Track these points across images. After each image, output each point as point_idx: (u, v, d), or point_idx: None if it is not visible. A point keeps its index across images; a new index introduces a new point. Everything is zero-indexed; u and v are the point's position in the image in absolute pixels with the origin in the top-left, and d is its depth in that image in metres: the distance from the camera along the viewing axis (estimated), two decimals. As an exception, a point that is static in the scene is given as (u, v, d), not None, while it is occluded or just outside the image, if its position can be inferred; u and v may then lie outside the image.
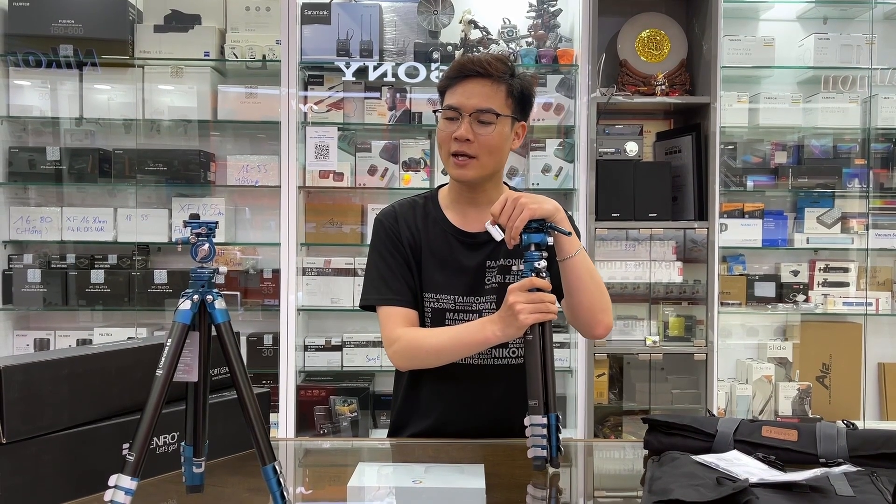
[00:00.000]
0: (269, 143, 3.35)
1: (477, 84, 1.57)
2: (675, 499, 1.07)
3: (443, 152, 1.63)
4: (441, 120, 1.61)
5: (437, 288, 1.64)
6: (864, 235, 3.38)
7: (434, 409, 1.68)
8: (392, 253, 1.66)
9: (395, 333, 1.60)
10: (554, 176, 3.29)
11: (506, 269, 1.65)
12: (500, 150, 1.61)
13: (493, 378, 1.65)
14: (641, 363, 3.28)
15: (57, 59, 3.21)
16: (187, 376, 1.11)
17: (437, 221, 1.69)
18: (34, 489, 1.15)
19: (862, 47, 3.30)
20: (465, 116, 1.56)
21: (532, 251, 1.38)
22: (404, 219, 1.69)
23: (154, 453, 1.30)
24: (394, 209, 1.71)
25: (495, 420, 1.65)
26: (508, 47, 3.31)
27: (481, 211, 1.64)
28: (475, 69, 1.57)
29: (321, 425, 3.21)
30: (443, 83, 1.63)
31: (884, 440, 1.29)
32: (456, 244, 1.66)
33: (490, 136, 1.57)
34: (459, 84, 1.58)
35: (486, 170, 1.61)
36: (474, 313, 1.64)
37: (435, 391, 1.67)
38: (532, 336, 1.35)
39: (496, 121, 1.57)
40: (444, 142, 1.60)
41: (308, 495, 1.36)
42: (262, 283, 3.31)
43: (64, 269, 3.27)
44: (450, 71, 1.61)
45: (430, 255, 1.66)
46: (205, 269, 1.09)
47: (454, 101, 1.58)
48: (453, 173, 1.62)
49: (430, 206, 1.71)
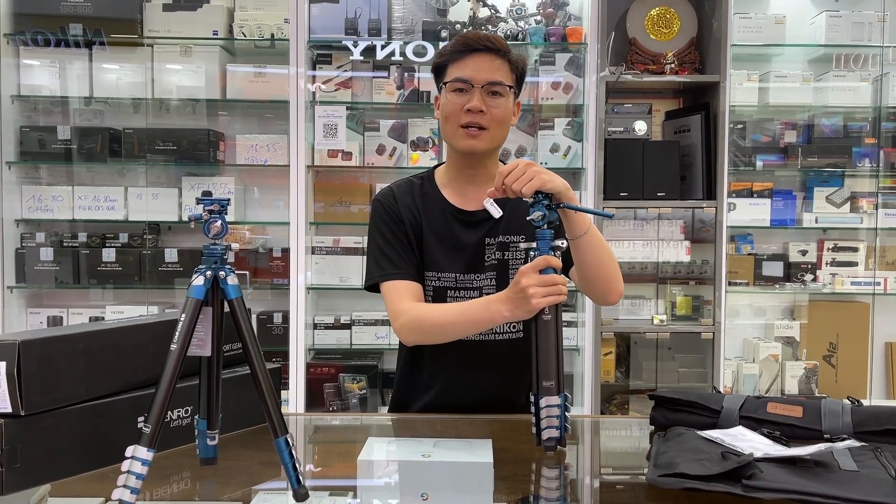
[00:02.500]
0: (277, 123, 3.36)
1: (485, 58, 1.59)
2: (680, 472, 1.08)
3: (450, 125, 1.62)
4: (448, 93, 1.61)
5: (437, 266, 1.66)
6: (874, 215, 3.37)
7: (434, 384, 1.70)
8: (392, 230, 1.67)
9: (400, 307, 1.60)
10: (562, 155, 3.28)
11: (504, 245, 1.66)
12: (507, 123, 1.64)
13: (494, 353, 1.67)
14: (648, 342, 3.29)
15: (66, 38, 3.22)
16: (201, 350, 1.13)
17: (436, 201, 1.70)
18: (52, 460, 1.17)
19: (874, 25, 3.27)
20: (476, 88, 1.58)
21: (545, 229, 1.38)
22: (403, 199, 1.70)
23: (168, 427, 1.32)
24: (391, 190, 1.72)
25: (496, 395, 1.68)
26: (517, 25, 3.29)
27: (479, 188, 1.65)
28: (483, 44, 1.59)
29: (331, 402, 3.24)
30: (444, 58, 1.63)
31: (888, 416, 1.30)
32: (454, 222, 1.67)
33: (501, 107, 1.60)
34: (467, 58, 1.59)
35: (495, 141, 1.63)
36: (474, 290, 1.66)
37: (435, 367, 1.70)
38: (549, 316, 1.35)
39: (506, 92, 1.60)
40: (452, 114, 1.60)
41: (319, 469, 1.38)
42: (271, 262, 3.33)
43: (76, 248, 3.30)
44: (454, 45, 1.62)
45: (430, 234, 1.67)
46: (217, 246, 1.11)
47: (465, 74, 1.59)
48: (464, 144, 1.61)
49: (427, 185, 1.72)
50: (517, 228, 1.66)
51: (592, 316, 3.12)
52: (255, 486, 1.19)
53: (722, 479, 1.06)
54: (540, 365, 1.34)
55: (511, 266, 1.66)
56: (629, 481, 1.31)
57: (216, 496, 1.19)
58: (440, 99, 1.65)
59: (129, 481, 1.00)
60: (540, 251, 1.36)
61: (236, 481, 1.22)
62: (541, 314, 1.35)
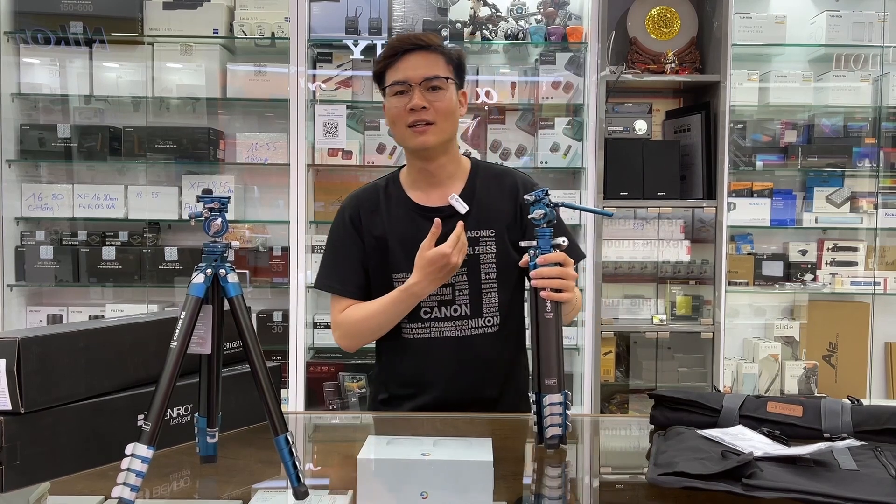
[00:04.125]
0: (277, 121, 3.36)
1: (418, 56, 1.62)
2: (680, 471, 1.08)
3: (398, 129, 1.65)
4: (390, 98, 1.64)
5: (404, 267, 1.66)
6: (874, 215, 3.37)
7: (415, 382, 1.71)
8: (345, 243, 1.72)
9: (336, 320, 1.72)
10: (563, 154, 3.28)
11: (474, 240, 1.67)
12: (454, 115, 1.66)
13: (472, 348, 1.68)
14: (648, 341, 3.29)
15: (66, 36, 3.22)
16: (201, 348, 1.13)
17: (401, 202, 1.72)
18: (52, 458, 1.17)
19: (874, 25, 3.27)
20: (415, 87, 1.60)
21: (543, 227, 1.38)
22: (367, 204, 1.73)
23: (168, 425, 1.32)
24: (356, 197, 1.76)
25: (478, 389, 1.69)
26: (518, 24, 3.29)
27: (441, 186, 1.69)
28: (413, 43, 1.62)
29: (330, 401, 3.25)
30: (380, 65, 1.66)
31: (888, 416, 1.30)
32: (421, 221, 1.67)
33: (443, 100, 1.62)
34: (400, 61, 1.62)
35: (444, 134, 1.64)
36: (447, 287, 1.66)
37: (415, 365, 1.70)
38: (551, 314, 1.36)
39: (445, 85, 1.63)
40: (398, 118, 1.63)
41: (318, 468, 1.38)
42: (271, 260, 3.33)
43: (75, 246, 3.30)
44: (387, 51, 1.64)
45: (394, 237, 1.69)
46: (218, 244, 1.11)
47: (401, 76, 1.61)
48: (414, 143, 1.63)
49: (392, 187, 1.75)
50: (486, 223, 1.68)
51: (592, 315, 3.12)
52: (255, 485, 1.19)
53: (722, 478, 1.06)
54: (542, 363, 1.34)
55: (482, 261, 1.67)
56: (629, 480, 1.31)
57: (216, 494, 1.19)
58: (385, 105, 1.67)
59: (129, 479, 1.00)
60: (542, 250, 1.37)
61: (236, 479, 1.23)
62: (543, 312, 1.35)
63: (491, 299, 1.69)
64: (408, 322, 1.69)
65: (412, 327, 1.69)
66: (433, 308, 1.68)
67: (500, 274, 1.68)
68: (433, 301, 1.67)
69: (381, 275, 1.70)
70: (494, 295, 1.69)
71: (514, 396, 1.75)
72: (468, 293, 1.68)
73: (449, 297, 1.67)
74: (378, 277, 1.71)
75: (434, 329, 1.68)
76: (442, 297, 1.67)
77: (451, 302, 1.68)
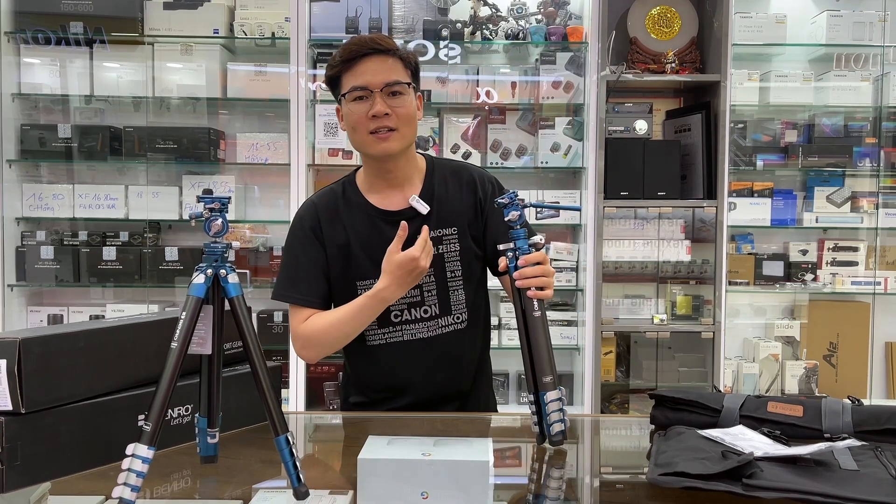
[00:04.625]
0: (278, 121, 3.36)
1: (377, 61, 1.57)
2: (680, 471, 1.08)
3: (358, 135, 1.60)
4: (349, 104, 1.59)
5: (368, 273, 1.64)
6: (874, 215, 3.37)
7: (389, 386, 1.70)
8: (306, 251, 1.67)
9: (296, 332, 1.66)
10: (563, 154, 3.28)
11: (438, 239, 1.65)
12: (415, 120, 1.63)
13: (443, 346, 1.68)
14: (649, 341, 3.29)
15: (66, 36, 3.22)
16: (201, 349, 1.13)
17: (360, 206, 1.68)
18: (53, 458, 1.17)
19: (874, 24, 3.27)
20: (376, 93, 1.56)
21: (518, 229, 1.37)
22: (326, 211, 1.69)
23: (169, 425, 1.32)
24: (314, 204, 1.72)
25: (450, 385, 1.70)
26: (518, 24, 3.29)
27: (400, 189, 1.67)
28: (371, 47, 1.57)
29: (330, 401, 3.25)
30: (336, 69, 1.60)
31: (888, 416, 1.30)
32: (382, 225, 1.65)
33: (404, 106, 1.59)
34: (358, 64, 1.57)
35: (406, 140, 1.61)
36: (415, 288, 1.64)
37: (388, 369, 1.68)
38: (538, 313, 1.36)
39: (406, 90, 1.59)
40: (358, 123, 1.59)
41: (319, 467, 1.38)
42: (271, 260, 3.33)
43: (76, 246, 3.30)
44: (343, 54, 1.58)
45: (357, 243, 1.66)
46: (218, 244, 1.11)
47: (361, 81, 1.57)
48: (377, 149, 1.59)
49: (350, 191, 1.71)
50: (448, 221, 1.66)
51: (592, 315, 3.12)
52: (256, 485, 1.19)
53: (722, 478, 1.06)
54: (535, 362, 1.34)
55: (447, 259, 1.66)
56: (629, 480, 1.31)
57: (216, 494, 1.19)
58: (342, 110, 1.62)
59: (130, 479, 1.00)
60: (521, 250, 1.38)
61: (236, 479, 1.23)
62: (531, 311, 1.35)
63: (458, 296, 1.68)
64: (377, 328, 1.66)
65: (383, 332, 1.67)
66: (403, 311, 1.66)
67: (464, 270, 1.67)
68: (402, 304, 1.65)
69: (343, 282, 1.67)
70: (461, 292, 1.68)
71: (485, 388, 1.78)
72: (436, 293, 1.67)
73: (418, 299, 1.66)
74: (340, 285, 1.67)
75: (406, 332, 1.66)
76: (411, 298, 1.65)
77: (420, 303, 1.66)
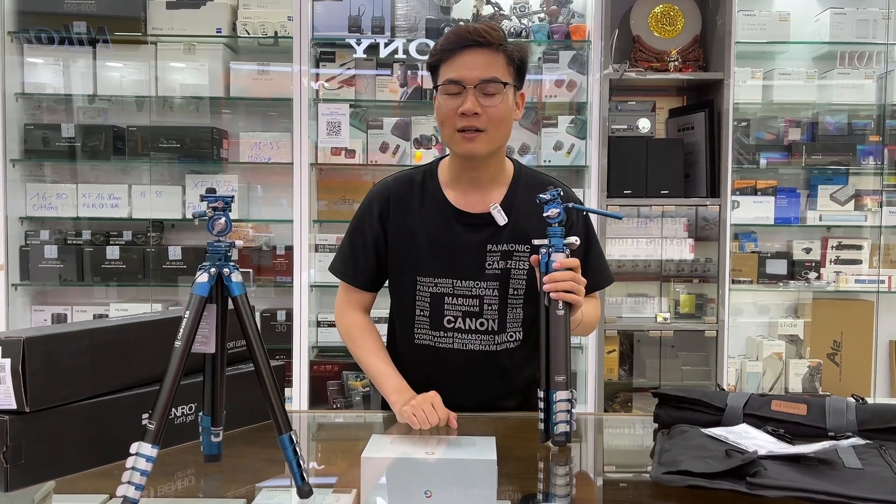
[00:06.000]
0: (281, 121, 3.36)
1: (477, 54, 1.48)
2: (684, 470, 1.08)
3: (446, 130, 1.54)
4: (441, 96, 1.52)
5: (431, 271, 1.60)
6: (878, 213, 3.36)
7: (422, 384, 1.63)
8: (368, 234, 1.64)
9: (342, 310, 1.71)
10: (566, 153, 3.28)
11: (508, 254, 1.59)
12: (508, 122, 1.54)
13: (495, 362, 1.64)
14: (652, 340, 3.29)
15: (70, 36, 3.22)
16: (205, 347, 1.13)
17: (436, 199, 1.62)
18: (57, 457, 1.17)
19: (878, 22, 3.26)
20: (469, 89, 1.48)
21: (555, 227, 1.37)
22: (398, 198, 1.63)
23: (172, 423, 1.32)
24: (389, 187, 1.65)
25: (498, 401, 1.66)
26: (521, 22, 3.29)
27: (482, 191, 1.60)
28: (473, 39, 1.48)
29: (334, 400, 3.25)
30: (436, 57, 1.53)
31: (893, 414, 1.30)
32: (455, 223, 1.60)
33: (497, 107, 1.50)
34: (457, 56, 1.49)
35: (494, 143, 1.54)
36: (474, 298, 1.59)
37: (435, 373, 1.63)
38: (562, 312, 1.35)
39: (502, 90, 1.50)
40: (447, 119, 1.52)
41: (322, 466, 1.38)
42: (274, 259, 3.33)
43: (80, 246, 3.31)
44: (444, 43, 1.51)
45: (424, 235, 1.60)
46: (221, 243, 1.11)
47: (455, 75, 1.49)
48: (461, 149, 1.53)
49: (429, 181, 1.64)
50: (523, 238, 1.58)
51: (596, 314, 3.11)
52: (259, 483, 1.19)
53: (726, 476, 1.06)
54: (551, 360, 1.34)
55: (513, 275, 1.60)
56: (633, 479, 1.31)
57: (220, 493, 1.19)
58: (436, 101, 1.55)
59: (134, 478, 1.00)
60: (555, 248, 1.36)
61: (240, 478, 1.23)
62: (555, 309, 1.35)
63: (516, 314, 1.62)
64: (428, 328, 1.62)
65: (434, 334, 1.63)
66: (457, 318, 1.61)
67: (528, 290, 1.61)
68: (458, 311, 1.60)
69: (405, 274, 1.62)
70: (519, 310, 1.62)
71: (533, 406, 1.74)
72: (497, 307, 1.60)
73: (476, 310, 1.60)
74: (402, 275, 1.63)
75: (457, 340, 1.62)
76: (468, 308, 1.60)
77: (477, 315, 1.60)
